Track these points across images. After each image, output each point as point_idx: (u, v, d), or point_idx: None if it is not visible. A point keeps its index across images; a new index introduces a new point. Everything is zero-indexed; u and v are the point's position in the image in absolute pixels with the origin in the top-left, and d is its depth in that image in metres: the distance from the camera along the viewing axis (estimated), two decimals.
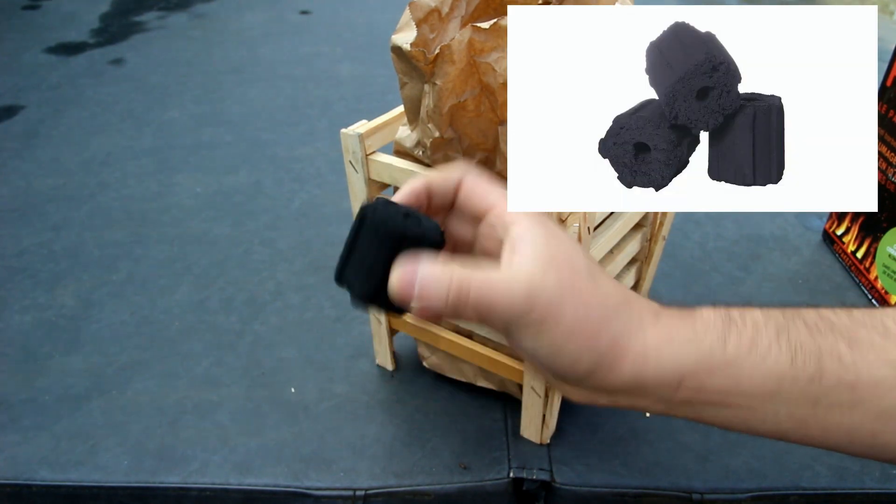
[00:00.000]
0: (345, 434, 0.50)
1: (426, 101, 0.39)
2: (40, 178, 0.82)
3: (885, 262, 0.60)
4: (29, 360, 0.56)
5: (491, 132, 0.41)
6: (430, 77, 0.38)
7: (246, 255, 0.69)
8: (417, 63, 0.38)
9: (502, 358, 0.48)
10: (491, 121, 0.40)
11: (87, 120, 0.96)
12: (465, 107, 0.40)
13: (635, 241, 0.50)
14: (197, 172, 0.84)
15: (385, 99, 1.02)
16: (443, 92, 0.38)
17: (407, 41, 0.38)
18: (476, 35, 0.37)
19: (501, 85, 0.38)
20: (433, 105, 0.39)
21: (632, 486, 0.46)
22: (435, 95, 0.38)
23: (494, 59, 0.37)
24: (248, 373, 0.55)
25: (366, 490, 0.46)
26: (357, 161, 0.44)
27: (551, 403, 0.47)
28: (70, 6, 1.42)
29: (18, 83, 1.07)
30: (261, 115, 0.98)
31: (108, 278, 0.66)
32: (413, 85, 0.40)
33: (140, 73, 1.12)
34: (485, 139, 0.41)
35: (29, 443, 0.49)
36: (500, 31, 0.37)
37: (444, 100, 0.38)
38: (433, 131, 0.40)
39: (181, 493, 0.46)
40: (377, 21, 1.35)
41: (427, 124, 0.40)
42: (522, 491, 0.47)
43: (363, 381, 0.54)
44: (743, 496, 0.46)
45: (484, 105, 0.40)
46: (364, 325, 0.59)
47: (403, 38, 0.38)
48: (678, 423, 0.51)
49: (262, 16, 1.37)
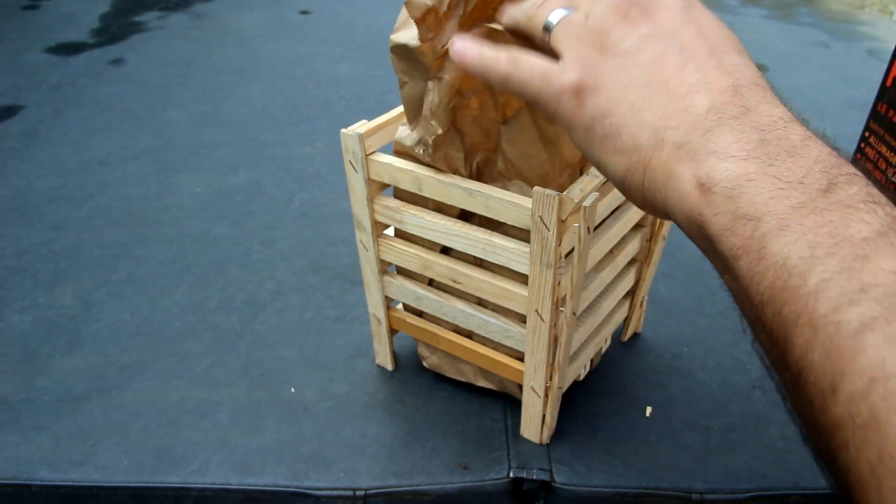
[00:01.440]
0: (345, 434, 0.50)
1: (430, 97, 0.39)
2: (40, 178, 0.82)
3: None
4: (29, 360, 0.56)
5: (493, 131, 0.41)
6: (436, 72, 0.38)
7: (246, 255, 0.69)
8: (424, 59, 0.38)
9: (502, 358, 0.48)
10: (494, 120, 0.41)
11: (87, 120, 0.96)
12: (469, 105, 0.40)
13: (635, 242, 0.50)
14: (197, 172, 0.84)
15: (385, 99, 1.02)
16: (449, 88, 0.38)
17: (412, 38, 0.38)
18: (484, 35, 0.37)
19: None
20: (437, 101, 0.39)
21: (632, 486, 0.46)
22: (440, 91, 0.38)
23: None
24: (248, 373, 0.55)
25: (366, 490, 0.46)
26: (357, 161, 0.44)
27: (551, 403, 0.47)
28: (70, 6, 1.41)
29: (18, 83, 1.07)
30: (261, 115, 0.98)
31: (108, 278, 0.66)
32: (414, 84, 0.40)
33: (140, 73, 1.12)
34: (487, 138, 0.41)
35: (29, 443, 0.49)
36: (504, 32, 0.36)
37: (449, 95, 0.38)
38: (436, 128, 0.40)
39: (181, 493, 0.46)
40: (377, 21, 1.35)
41: (430, 121, 0.40)
42: (522, 491, 0.47)
43: (363, 381, 0.54)
44: (743, 496, 0.46)
45: (487, 104, 0.40)
46: (364, 325, 0.59)
47: (406, 35, 0.38)
48: (678, 422, 0.51)
49: (262, 16, 1.37)
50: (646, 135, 0.27)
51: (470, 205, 0.41)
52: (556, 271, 0.39)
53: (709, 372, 0.55)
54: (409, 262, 0.48)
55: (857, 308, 0.20)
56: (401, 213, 0.45)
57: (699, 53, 0.27)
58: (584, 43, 0.29)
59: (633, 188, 0.28)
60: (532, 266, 0.40)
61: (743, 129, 0.25)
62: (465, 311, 0.47)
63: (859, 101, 1.03)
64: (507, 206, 0.39)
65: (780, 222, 0.22)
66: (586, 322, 0.47)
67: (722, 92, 0.26)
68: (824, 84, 1.11)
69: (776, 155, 0.24)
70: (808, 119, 0.26)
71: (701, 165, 0.25)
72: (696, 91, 0.26)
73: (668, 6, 0.29)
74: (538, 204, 0.37)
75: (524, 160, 0.41)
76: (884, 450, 0.18)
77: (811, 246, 0.21)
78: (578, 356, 0.48)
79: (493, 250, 0.42)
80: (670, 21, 0.28)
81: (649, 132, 0.27)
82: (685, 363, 0.56)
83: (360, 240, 0.49)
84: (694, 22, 0.28)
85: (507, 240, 0.41)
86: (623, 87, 0.27)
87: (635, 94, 0.27)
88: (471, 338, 0.49)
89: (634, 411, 0.52)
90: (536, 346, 0.44)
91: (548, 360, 0.44)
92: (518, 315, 0.45)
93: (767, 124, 0.25)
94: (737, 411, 0.52)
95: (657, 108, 0.27)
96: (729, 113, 0.25)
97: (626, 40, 0.28)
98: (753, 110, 0.25)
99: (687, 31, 0.28)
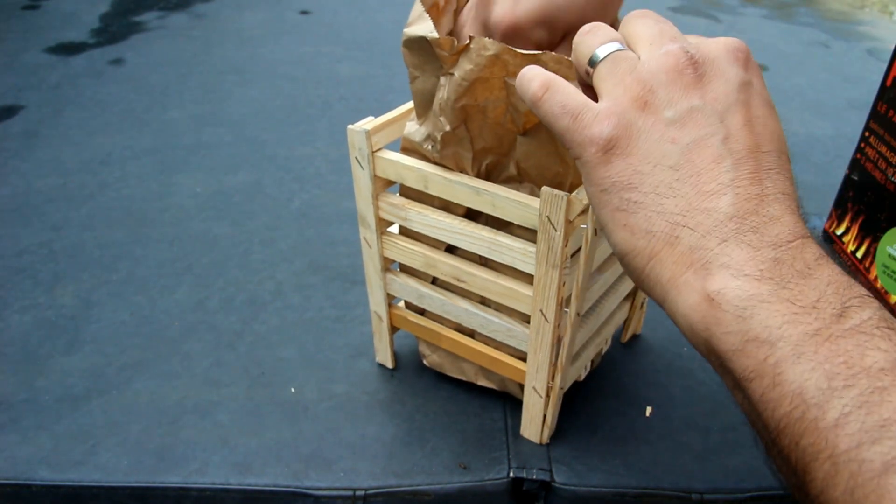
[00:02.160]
0: (345, 434, 0.50)
1: (440, 93, 0.39)
2: (40, 178, 0.82)
3: (884, 262, 0.60)
4: (29, 360, 0.56)
5: (507, 139, 0.41)
6: (449, 68, 0.38)
7: (246, 255, 0.69)
8: (441, 52, 0.37)
9: (504, 357, 0.48)
10: (510, 130, 0.40)
11: (87, 120, 0.96)
12: (485, 112, 0.39)
13: None
14: (197, 172, 0.84)
15: (385, 99, 1.02)
16: (459, 85, 0.38)
17: (430, 30, 0.38)
18: (511, 57, 0.36)
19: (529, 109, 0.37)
20: (447, 97, 0.38)
21: (632, 486, 0.46)
22: (451, 87, 0.38)
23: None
24: (248, 373, 0.55)
25: (366, 490, 0.46)
26: (363, 157, 0.44)
27: (552, 403, 0.47)
28: (70, 6, 1.41)
29: (18, 83, 1.07)
30: (261, 115, 0.98)
31: (108, 278, 0.66)
32: (425, 78, 0.40)
33: (140, 73, 1.12)
34: (499, 144, 0.41)
35: (29, 443, 0.49)
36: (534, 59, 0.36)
37: (459, 93, 0.38)
38: (444, 125, 0.40)
39: (181, 493, 0.46)
40: (377, 21, 1.35)
41: (439, 117, 0.40)
42: (522, 491, 0.47)
43: (363, 380, 0.54)
44: (743, 496, 0.46)
45: (505, 118, 0.39)
46: (364, 324, 0.59)
47: (423, 28, 0.38)
48: (678, 422, 0.51)
49: (262, 16, 1.37)
50: (661, 225, 0.26)
51: (477, 204, 0.41)
52: (562, 272, 0.39)
53: (709, 372, 0.55)
54: (413, 260, 0.47)
55: (880, 447, 0.20)
56: (406, 210, 0.45)
57: (739, 149, 0.26)
58: (627, 93, 0.27)
59: (632, 270, 0.27)
60: (538, 266, 0.40)
61: (759, 246, 0.24)
62: (468, 309, 0.47)
63: (859, 101, 1.03)
64: (515, 206, 0.39)
65: (796, 349, 0.22)
66: (588, 322, 0.47)
67: (748, 199, 0.25)
68: (824, 84, 1.11)
69: (790, 277, 0.23)
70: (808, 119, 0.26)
71: (712, 279, 0.24)
72: (724, 192, 0.25)
73: (726, 77, 0.27)
74: (546, 204, 0.37)
75: (538, 170, 0.41)
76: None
77: (828, 377, 0.21)
78: (580, 356, 0.48)
79: (499, 250, 0.42)
80: (724, 97, 0.26)
81: (665, 224, 0.26)
82: (685, 363, 0.56)
83: (364, 237, 0.49)
84: (746, 105, 0.27)
85: (514, 239, 0.41)
86: (653, 162, 0.26)
87: (663, 175, 0.26)
88: (473, 337, 0.49)
89: (634, 411, 0.52)
90: (540, 346, 0.44)
91: (550, 361, 0.44)
92: (521, 315, 0.45)
93: (784, 241, 0.24)
94: (737, 411, 0.52)
95: (680, 198, 0.25)
96: (749, 224, 0.24)
97: (672, 108, 0.26)
98: (773, 223, 0.25)
99: (735, 117, 0.26)
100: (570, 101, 0.28)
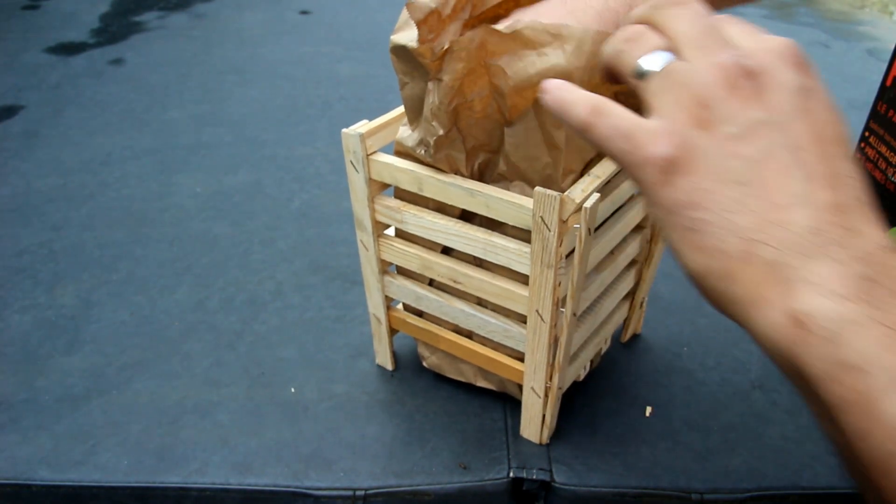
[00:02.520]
0: (345, 434, 0.50)
1: (430, 98, 0.39)
2: (40, 178, 0.82)
3: None
4: (29, 360, 0.56)
5: (496, 133, 0.41)
6: (435, 74, 0.38)
7: (246, 255, 0.69)
8: (423, 60, 0.38)
9: (502, 358, 0.48)
10: (498, 122, 0.40)
11: (87, 120, 0.96)
12: (472, 107, 0.39)
13: (636, 243, 0.50)
14: (197, 172, 0.84)
15: (385, 99, 1.02)
16: (448, 89, 0.38)
17: (410, 39, 0.38)
18: (490, 37, 0.37)
19: (512, 88, 0.38)
20: (437, 102, 0.39)
21: (631, 486, 0.46)
22: (440, 92, 0.38)
23: (506, 62, 0.37)
24: (248, 373, 0.55)
25: (366, 490, 0.46)
26: (358, 161, 0.44)
27: (551, 403, 0.47)
28: (70, 6, 1.41)
29: (18, 83, 1.07)
30: (261, 115, 0.98)
31: (108, 278, 0.66)
32: (414, 84, 0.40)
33: (140, 73, 1.12)
34: (489, 140, 0.41)
35: (29, 443, 0.49)
36: (517, 36, 0.36)
37: (450, 97, 0.38)
38: (437, 129, 0.40)
39: (181, 493, 0.46)
40: (377, 21, 1.35)
41: (431, 122, 0.40)
42: (522, 491, 0.47)
43: (363, 380, 0.54)
44: (743, 496, 0.46)
45: (491, 107, 0.40)
46: (364, 325, 0.59)
47: (405, 36, 0.38)
48: (678, 423, 0.51)
49: (262, 16, 1.37)
50: (734, 242, 0.24)
51: (471, 205, 0.41)
52: (557, 272, 0.39)
53: (709, 372, 0.55)
54: (410, 262, 0.48)
55: None
56: (401, 213, 0.45)
57: (809, 157, 0.24)
58: (683, 109, 0.26)
59: (709, 292, 0.26)
60: (533, 266, 0.40)
61: (845, 261, 0.22)
62: (465, 311, 0.47)
63: (859, 101, 1.03)
64: (508, 207, 0.39)
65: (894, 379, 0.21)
66: (586, 322, 0.47)
67: (825, 210, 0.23)
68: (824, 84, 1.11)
69: (883, 296, 0.22)
70: None
71: (797, 298, 0.23)
72: (798, 204, 0.24)
73: (783, 84, 0.26)
74: (539, 204, 0.37)
75: (527, 162, 0.41)
76: None
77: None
78: (578, 356, 0.48)
79: (494, 250, 0.42)
80: (784, 106, 0.25)
81: (738, 241, 0.24)
82: (685, 363, 0.56)
83: (361, 240, 0.49)
84: (808, 111, 0.25)
85: (508, 240, 0.41)
86: (718, 179, 0.25)
87: (730, 191, 0.24)
88: (471, 338, 0.49)
89: (634, 411, 0.52)
90: (537, 346, 0.44)
91: (548, 361, 0.44)
92: (518, 315, 0.45)
93: (869, 254, 0.23)
94: (736, 411, 0.52)
95: (751, 214, 0.24)
96: (830, 236, 0.23)
97: (733, 123, 0.25)
98: (856, 235, 0.23)
99: (800, 125, 0.25)
100: (621, 122, 0.27)
